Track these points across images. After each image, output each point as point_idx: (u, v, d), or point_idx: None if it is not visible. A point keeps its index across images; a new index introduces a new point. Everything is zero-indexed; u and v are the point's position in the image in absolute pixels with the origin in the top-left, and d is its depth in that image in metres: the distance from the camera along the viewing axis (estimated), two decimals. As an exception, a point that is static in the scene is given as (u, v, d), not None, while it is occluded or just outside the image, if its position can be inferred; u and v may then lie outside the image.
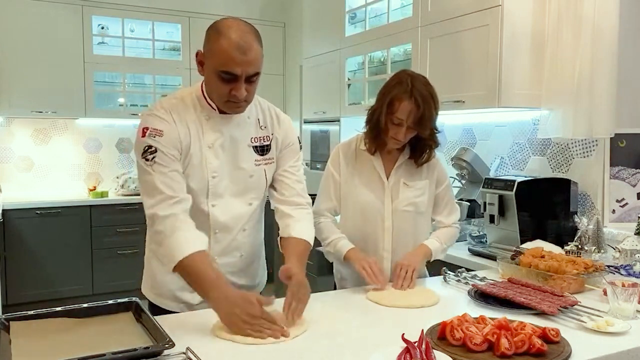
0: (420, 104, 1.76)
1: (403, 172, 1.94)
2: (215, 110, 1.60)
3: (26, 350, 1.22)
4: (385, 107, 1.81)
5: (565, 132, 2.44)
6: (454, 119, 3.24)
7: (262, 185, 1.70)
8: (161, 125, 1.53)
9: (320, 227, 1.95)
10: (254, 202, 1.70)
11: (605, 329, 1.40)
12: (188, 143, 1.57)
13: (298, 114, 5.00)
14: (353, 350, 1.30)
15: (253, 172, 1.66)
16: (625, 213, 2.45)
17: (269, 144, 1.70)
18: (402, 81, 1.80)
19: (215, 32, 1.48)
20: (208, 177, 1.59)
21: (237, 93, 1.49)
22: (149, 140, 1.51)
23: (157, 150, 1.51)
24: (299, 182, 1.75)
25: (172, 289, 1.65)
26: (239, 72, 1.46)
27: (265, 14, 5.22)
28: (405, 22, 3.10)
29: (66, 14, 4.52)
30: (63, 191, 4.84)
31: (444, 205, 2.01)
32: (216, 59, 1.47)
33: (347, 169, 1.96)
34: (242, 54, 1.45)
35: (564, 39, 2.42)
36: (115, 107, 4.91)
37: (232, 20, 1.50)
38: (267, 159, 1.69)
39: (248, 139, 1.66)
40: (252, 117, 1.68)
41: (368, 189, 1.93)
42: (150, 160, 1.50)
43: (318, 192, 2.02)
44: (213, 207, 1.62)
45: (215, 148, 1.60)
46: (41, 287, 4.31)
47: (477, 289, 1.73)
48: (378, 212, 1.93)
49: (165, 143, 1.52)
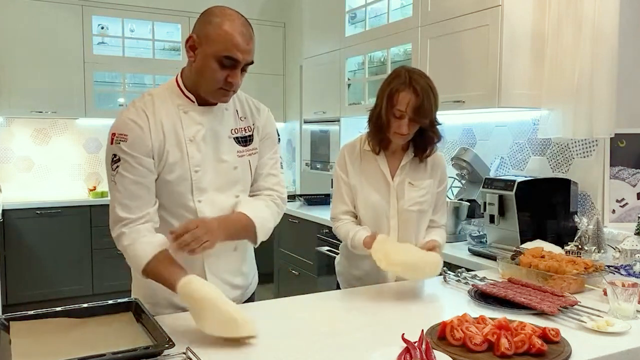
0: (419, 92, 1.77)
1: (408, 171, 1.95)
2: (194, 102, 1.56)
3: (26, 350, 1.22)
4: (385, 102, 1.82)
5: (565, 132, 2.44)
6: (454, 119, 3.24)
7: (248, 177, 1.66)
8: (126, 128, 1.49)
9: (340, 229, 1.96)
10: (241, 195, 1.64)
11: (605, 329, 1.39)
12: (162, 140, 1.51)
13: (298, 114, 5.01)
14: (353, 350, 1.29)
15: (237, 163, 1.62)
16: (625, 213, 2.45)
17: (251, 134, 1.66)
18: (399, 74, 1.83)
19: (216, 17, 1.47)
20: (191, 171, 1.55)
21: (233, 80, 1.48)
22: (115, 149, 1.48)
23: (120, 159, 1.47)
24: (273, 175, 1.71)
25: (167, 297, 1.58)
26: (240, 59, 1.46)
27: (265, 14, 5.22)
28: (405, 22, 3.10)
29: (66, 14, 4.53)
30: (63, 191, 4.85)
31: (440, 205, 2.03)
32: (218, 44, 1.45)
33: (353, 170, 1.97)
34: (245, 42, 1.46)
35: (564, 39, 2.42)
36: (115, 107, 4.91)
37: (228, 8, 1.51)
38: (250, 150, 1.66)
39: (228, 130, 1.62)
40: (230, 109, 1.64)
41: (374, 189, 1.94)
42: (114, 170, 1.48)
43: (332, 198, 2.03)
44: (199, 203, 1.57)
45: (197, 141, 1.55)
46: (41, 287, 4.31)
47: (477, 289, 1.73)
48: (384, 212, 1.94)
49: (129, 149, 1.47)
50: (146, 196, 1.51)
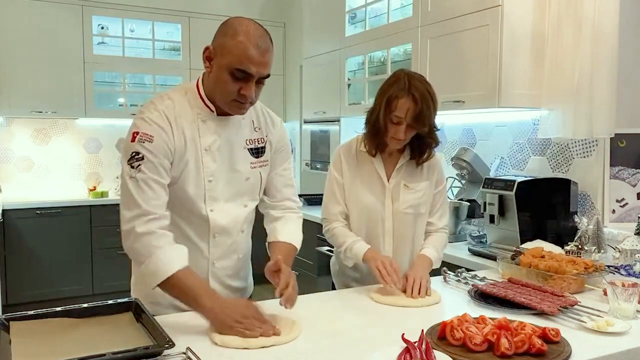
0: (418, 100, 1.75)
1: (404, 174, 1.93)
2: (213, 112, 1.56)
3: (26, 350, 1.22)
4: (383, 106, 1.80)
5: (565, 132, 2.44)
6: (454, 119, 3.24)
7: (257, 187, 1.68)
8: (152, 130, 1.47)
9: (335, 232, 1.95)
10: (249, 204, 1.67)
11: (605, 329, 1.40)
12: (183, 148, 1.51)
13: (298, 114, 5.00)
14: (353, 350, 1.29)
15: (249, 174, 1.64)
16: (625, 213, 2.44)
17: (263, 146, 1.67)
18: (399, 79, 1.79)
19: (232, 29, 1.44)
20: (205, 180, 1.56)
21: (246, 93, 1.46)
22: (137, 146, 1.46)
23: (144, 157, 1.45)
24: (290, 186, 1.74)
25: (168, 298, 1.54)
26: (253, 72, 1.43)
27: (265, 14, 5.22)
28: (405, 22, 3.10)
29: (66, 14, 4.53)
30: (63, 191, 4.85)
31: (438, 207, 2.00)
32: (232, 56, 1.43)
33: (349, 171, 1.95)
34: (259, 55, 1.43)
35: (564, 39, 2.42)
36: (115, 107, 4.91)
37: (247, 19, 1.48)
38: (262, 162, 1.66)
39: (243, 141, 1.63)
40: (247, 119, 1.65)
41: (369, 191, 1.93)
42: (136, 168, 1.45)
43: (324, 197, 2.01)
44: (212, 212, 1.58)
45: (212, 151, 1.56)
46: (41, 287, 4.31)
47: (477, 289, 1.73)
48: (379, 214, 1.92)
49: (154, 150, 1.46)
50: (164, 197, 1.50)
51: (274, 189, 1.72)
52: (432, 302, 1.68)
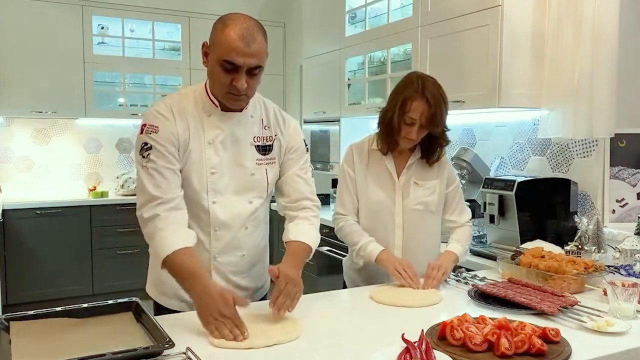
0: (431, 102, 1.81)
1: (414, 171, 1.98)
2: (217, 107, 1.61)
3: (26, 350, 1.22)
4: (397, 108, 1.85)
5: (565, 132, 2.44)
6: (454, 119, 3.22)
7: (263, 185, 1.70)
8: (157, 121, 1.57)
9: (350, 230, 1.98)
10: (254, 201, 1.70)
11: (605, 329, 1.40)
12: (187, 138, 1.59)
13: (298, 114, 5.00)
14: (353, 350, 1.30)
15: (254, 170, 1.67)
16: (625, 213, 2.44)
17: (271, 144, 1.71)
18: (412, 82, 1.86)
19: (221, 23, 1.51)
20: (207, 173, 1.61)
21: (237, 84, 1.50)
22: (145, 138, 1.56)
23: (151, 147, 1.54)
24: (307, 185, 1.77)
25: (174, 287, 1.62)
26: (240, 62, 1.48)
27: (265, 14, 5.22)
28: (405, 22, 3.10)
29: (66, 14, 4.52)
30: (63, 191, 4.85)
31: (455, 205, 2.05)
32: (220, 48, 1.49)
33: (360, 168, 2.01)
34: (245, 45, 1.47)
35: (564, 39, 2.42)
36: (115, 107, 4.91)
37: (239, 14, 1.54)
38: (268, 159, 1.70)
39: (251, 137, 1.67)
40: (256, 116, 1.69)
41: (380, 188, 1.98)
42: (146, 157, 1.55)
43: (337, 193, 2.06)
44: (214, 204, 1.63)
45: (216, 145, 1.62)
46: (41, 287, 4.31)
47: (477, 289, 1.73)
48: (389, 210, 1.97)
49: (160, 139, 1.55)
50: (176, 180, 1.58)
51: (289, 189, 1.74)
52: (432, 302, 1.68)
